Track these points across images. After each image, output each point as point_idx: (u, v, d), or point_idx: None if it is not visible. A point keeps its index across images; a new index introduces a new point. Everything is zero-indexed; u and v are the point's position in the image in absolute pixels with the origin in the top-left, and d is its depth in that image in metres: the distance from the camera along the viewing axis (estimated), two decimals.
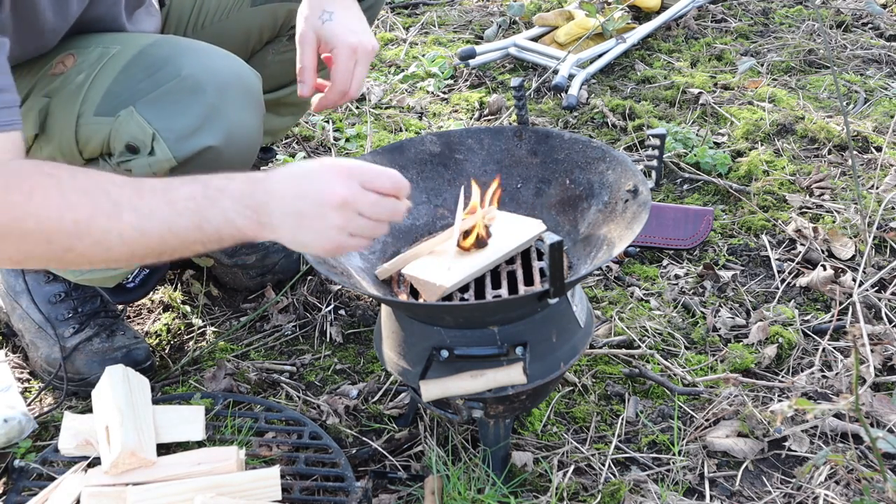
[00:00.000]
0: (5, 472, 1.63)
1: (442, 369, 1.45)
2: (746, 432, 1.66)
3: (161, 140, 1.51)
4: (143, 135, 1.52)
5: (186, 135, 1.52)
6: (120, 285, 1.86)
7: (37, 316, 1.85)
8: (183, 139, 1.52)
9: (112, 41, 1.60)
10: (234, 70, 1.59)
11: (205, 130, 1.53)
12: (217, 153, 1.54)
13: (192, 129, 1.52)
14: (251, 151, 1.64)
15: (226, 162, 1.56)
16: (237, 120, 1.56)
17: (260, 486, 1.49)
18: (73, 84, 1.57)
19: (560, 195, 1.63)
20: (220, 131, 1.54)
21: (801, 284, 2.03)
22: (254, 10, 1.90)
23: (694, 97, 2.75)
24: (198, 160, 1.54)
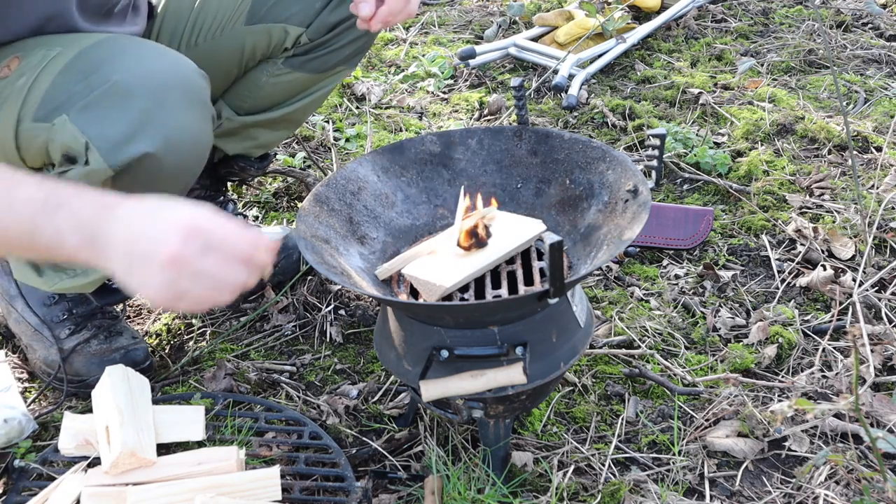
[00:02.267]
0: (5, 472, 1.63)
1: (442, 369, 1.45)
2: (746, 432, 1.66)
3: (94, 149, 1.45)
4: (76, 144, 1.46)
5: (120, 143, 1.45)
6: (105, 286, 1.81)
7: (32, 319, 1.84)
8: (117, 148, 1.45)
9: (55, 43, 1.55)
10: (174, 71, 1.51)
11: (140, 137, 1.46)
12: (156, 160, 1.48)
13: (126, 136, 1.45)
14: (197, 156, 1.58)
15: (169, 168, 1.51)
16: (176, 124, 1.49)
17: (260, 486, 1.49)
18: (14, 87, 1.52)
19: (560, 195, 1.63)
20: (156, 137, 1.47)
21: (801, 284, 2.03)
22: (248, 28, 1.86)
23: (694, 97, 2.75)
24: (137, 168, 1.48)
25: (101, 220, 1.19)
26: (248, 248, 1.20)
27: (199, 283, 1.17)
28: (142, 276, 1.17)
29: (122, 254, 1.17)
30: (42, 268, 1.71)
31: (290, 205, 2.43)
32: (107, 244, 1.18)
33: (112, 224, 1.19)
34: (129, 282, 1.19)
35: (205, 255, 1.16)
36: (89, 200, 1.21)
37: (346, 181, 1.62)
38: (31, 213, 1.20)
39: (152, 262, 1.15)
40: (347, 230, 1.58)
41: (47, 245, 1.20)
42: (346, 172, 1.63)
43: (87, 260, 1.21)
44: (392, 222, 1.64)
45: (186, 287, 1.17)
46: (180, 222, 1.17)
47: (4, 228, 1.21)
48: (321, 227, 1.53)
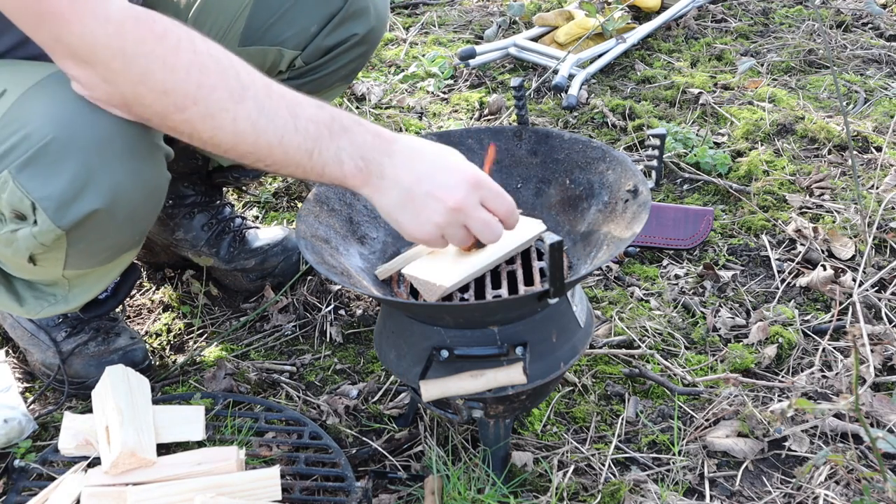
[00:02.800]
0: (5, 472, 1.63)
1: (442, 369, 1.45)
2: (746, 432, 1.66)
3: (41, 210, 1.39)
4: (21, 205, 1.40)
5: (66, 202, 1.38)
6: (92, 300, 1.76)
7: (28, 324, 1.83)
8: (64, 207, 1.39)
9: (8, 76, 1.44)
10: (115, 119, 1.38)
11: (86, 194, 1.39)
12: (108, 214, 1.42)
13: (72, 194, 1.38)
14: (151, 202, 1.52)
15: (123, 218, 1.47)
16: (123, 175, 1.41)
17: (260, 486, 1.49)
18: None
19: (560, 195, 1.63)
20: (103, 192, 1.40)
21: (801, 284, 2.03)
22: (243, 49, 1.80)
23: (694, 97, 2.75)
24: (89, 224, 1.42)
25: (379, 152, 1.29)
26: (510, 210, 1.36)
27: (464, 232, 1.34)
28: (417, 214, 1.31)
29: (402, 189, 1.30)
30: (23, 295, 1.70)
31: (290, 205, 2.43)
32: (382, 175, 1.29)
33: (391, 158, 1.30)
34: (398, 216, 1.32)
35: (479, 210, 1.32)
36: (368, 130, 1.31)
37: None
38: (316, 133, 1.28)
39: (437, 204, 1.30)
40: (347, 230, 1.58)
41: (323, 164, 1.29)
42: None
43: (354, 186, 1.32)
44: None
45: (453, 233, 1.33)
46: (467, 173, 1.32)
47: (285, 145, 1.28)
48: (321, 227, 1.53)
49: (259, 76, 1.30)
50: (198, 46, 1.27)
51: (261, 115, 1.27)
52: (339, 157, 1.29)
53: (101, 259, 1.59)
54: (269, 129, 1.28)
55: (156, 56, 1.25)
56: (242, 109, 1.27)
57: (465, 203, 1.31)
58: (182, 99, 1.27)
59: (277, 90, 1.30)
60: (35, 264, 1.53)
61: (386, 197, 1.31)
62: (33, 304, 1.69)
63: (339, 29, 1.82)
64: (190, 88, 1.27)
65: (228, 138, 1.29)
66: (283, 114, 1.28)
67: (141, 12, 1.26)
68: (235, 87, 1.27)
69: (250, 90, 1.28)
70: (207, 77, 1.26)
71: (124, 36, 1.25)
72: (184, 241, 2.05)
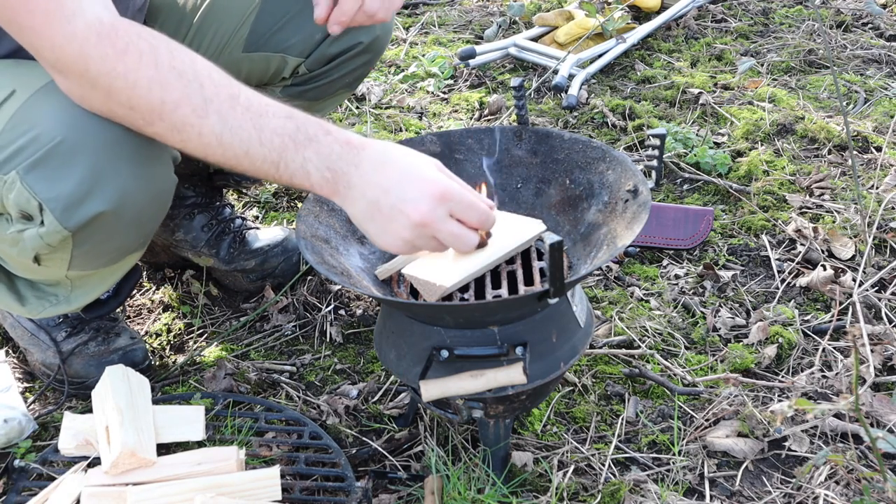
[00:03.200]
0: (5, 473, 1.63)
1: (442, 369, 1.45)
2: (746, 432, 1.66)
3: (48, 211, 1.41)
4: (29, 205, 1.42)
5: (74, 204, 1.40)
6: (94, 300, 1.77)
7: (28, 324, 1.83)
8: (71, 209, 1.40)
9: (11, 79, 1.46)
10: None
11: (93, 197, 1.40)
12: (114, 216, 1.44)
13: (79, 197, 1.40)
14: (157, 204, 1.53)
15: (129, 221, 1.48)
16: (130, 178, 1.43)
17: (260, 486, 1.49)
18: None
19: (560, 195, 1.63)
20: (110, 195, 1.41)
21: (801, 284, 2.03)
22: (246, 55, 1.81)
23: (694, 97, 2.75)
24: (95, 226, 1.44)
25: (346, 162, 1.29)
26: (483, 219, 1.34)
27: (436, 243, 1.32)
28: (384, 227, 1.30)
29: (368, 201, 1.29)
30: (24, 294, 1.71)
31: (290, 205, 2.43)
32: (349, 185, 1.29)
33: (358, 168, 1.29)
34: (367, 227, 1.32)
35: (447, 223, 1.30)
36: (336, 138, 1.29)
37: None
38: (281, 145, 1.28)
39: (401, 218, 1.28)
40: (347, 230, 1.58)
41: (290, 175, 1.30)
42: None
43: (325, 195, 1.32)
44: None
45: (423, 244, 1.32)
46: (433, 185, 1.29)
47: (251, 156, 1.29)
48: (321, 227, 1.53)
49: (225, 87, 1.30)
50: (160, 60, 1.28)
51: (224, 129, 1.28)
52: (305, 169, 1.29)
53: (106, 260, 1.59)
54: (234, 143, 1.28)
55: (117, 73, 1.27)
56: (206, 124, 1.28)
57: (430, 217, 1.28)
58: (148, 114, 1.30)
59: (244, 101, 1.30)
60: (39, 264, 1.53)
61: (354, 207, 1.31)
62: (35, 304, 1.70)
63: (343, 37, 1.81)
64: (154, 104, 1.28)
65: (198, 150, 1.31)
66: (246, 127, 1.28)
67: (105, 27, 1.27)
68: (198, 102, 1.27)
69: (213, 104, 1.28)
70: (169, 93, 1.27)
71: (88, 53, 1.27)
72: (184, 241, 2.05)
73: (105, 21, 1.28)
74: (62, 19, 1.27)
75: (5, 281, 1.70)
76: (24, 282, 1.69)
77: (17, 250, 1.51)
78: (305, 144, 1.28)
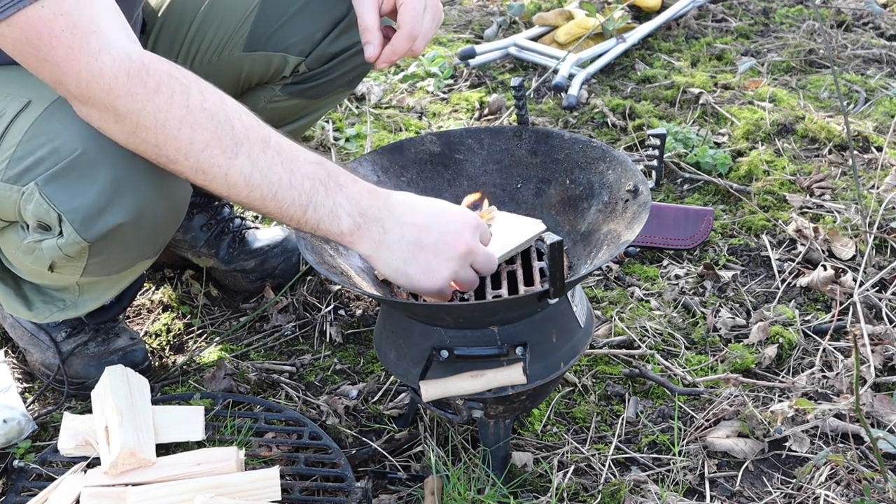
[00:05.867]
0: (5, 473, 1.63)
1: (442, 369, 1.45)
2: (747, 432, 1.66)
3: (67, 223, 1.42)
4: (48, 216, 1.44)
5: (93, 216, 1.42)
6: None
7: (28, 324, 1.83)
8: (90, 221, 1.42)
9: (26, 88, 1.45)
10: None
11: (112, 209, 1.42)
12: (132, 228, 1.46)
13: (99, 208, 1.42)
14: (175, 213, 1.56)
15: (146, 232, 1.50)
16: (148, 191, 1.45)
17: (260, 486, 1.49)
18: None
19: (560, 195, 1.63)
20: (129, 207, 1.43)
21: (802, 284, 2.02)
22: (247, 54, 1.81)
23: (694, 97, 2.75)
24: (112, 236, 1.46)
25: (377, 209, 1.31)
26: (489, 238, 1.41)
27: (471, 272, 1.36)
28: (428, 265, 1.32)
29: (408, 242, 1.31)
30: (31, 299, 1.72)
31: None
32: (384, 230, 1.31)
33: (391, 212, 1.31)
34: (408, 270, 1.32)
35: (481, 247, 1.36)
36: (364, 187, 1.32)
37: None
38: (311, 189, 1.29)
39: (450, 250, 1.32)
40: None
41: (318, 220, 1.30)
42: None
43: (351, 243, 1.32)
44: None
45: (466, 276, 1.36)
46: (466, 216, 1.37)
47: (279, 199, 1.29)
48: None
49: (256, 130, 1.30)
50: (192, 101, 1.27)
51: (254, 171, 1.28)
52: (335, 214, 1.30)
53: (120, 268, 1.61)
54: (263, 185, 1.29)
55: (147, 112, 1.27)
56: (235, 166, 1.28)
57: (472, 244, 1.34)
58: (174, 153, 1.29)
59: (275, 144, 1.30)
60: (53, 271, 1.55)
61: (390, 252, 1.32)
62: (42, 309, 1.71)
63: (343, 36, 1.81)
64: (181, 144, 1.28)
65: (221, 190, 1.31)
66: (277, 169, 1.29)
67: (135, 64, 1.27)
68: (229, 144, 1.27)
69: (244, 146, 1.28)
70: (200, 134, 1.27)
71: (116, 91, 1.26)
72: (183, 241, 2.05)
73: (135, 58, 1.27)
74: (88, 55, 1.26)
75: (12, 285, 1.71)
76: (31, 286, 1.70)
77: (32, 258, 1.53)
78: (336, 190, 1.30)
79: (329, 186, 1.30)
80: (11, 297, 1.72)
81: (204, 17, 1.81)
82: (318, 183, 1.29)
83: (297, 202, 1.29)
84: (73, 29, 1.25)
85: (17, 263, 1.64)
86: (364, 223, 1.30)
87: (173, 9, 1.84)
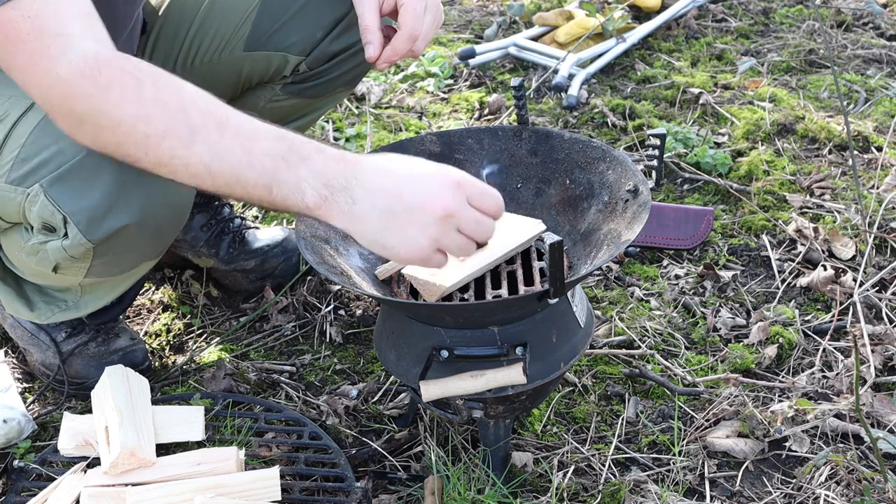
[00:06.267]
0: (5, 473, 1.63)
1: (442, 369, 1.45)
2: (747, 433, 1.66)
3: (72, 224, 1.42)
4: (53, 218, 1.43)
5: (98, 217, 1.42)
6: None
7: (28, 324, 1.83)
8: (95, 222, 1.42)
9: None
10: None
11: (117, 210, 1.42)
12: (137, 229, 1.46)
13: (104, 210, 1.42)
14: (178, 216, 1.55)
15: (150, 233, 1.50)
16: (153, 192, 1.44)
17: (260, 486, 1.49)
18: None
19: (560, 195, 1.63)
20: (134, 208, 1.43)
21: (802, 284, 2.02)
22: (247, 54, 1.80)
23: (694, 97, 2.75)
24: (117, 238, 1.46)
25: (345, 177, 1.22)
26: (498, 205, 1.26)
27: (460, 237, 1.24)
28: (404, 232, 1.22)
29: (380, 210, 1.21)
30: (33, 300, 1.72)
31: None
32: (353, 200, 1.21)
33: (359, 179, 1.22)
34: (385, 240, 1.23)
35: (469, 209, 1.23)
36: (330, 156, 1.24)
37: None
38: (273, 167, 1.22)
39: (425, 214, 1.21)
40: None
41: (284, 198, 1.23)
42: None
43: (323, 217, 1.24)
44: None
45: (453, 240, 1.23)
46: (446, 176, 1.23)
47: (243, 182, 1.24)
48: (321, 227, 1.53)
49: (213, 114, 1.25)
50: (145, 94, 1.24)
51: (213, 158, 1.23)
52: (300, 188, 1.22)
53: (123, 269, 1.61)
54: (223, 170, 1.24)
55: (101, 112, 1.24)
56: (194, 154, 1.24)
57: (453, 206, 1.22)
58: (134, 150, 1.26)
59: (234, 126, 1.25)
60: (57, 273, 1.55)
61: (363, 223, 1.23)
62: (44, 309, 1.71)
63: (344, 35, 1.81)
64: (139, 140, 1.25)
65: (188, 180, 1.27)
66: (236, 151, 1.23)
67: (88, 64, 1.24)
68: (184, 133, 1.23)
69: (201, 133, 1.23)
70: (154, 127, 1.23)
71: (72, 94, 1.24)
72: (183, 241, 2.05)
73: (89, 57, 1.24)
74: (47, 59, 1.24)
75: (13, 285, 1.71)
76: (32, 287, 1.71)
77: (36, 259, 1.53)
78: (298, 164, 1.22)
79: (291, 161, 1.22)
80: (13, 297, 1.72)
81: (204, 17, 1.81)
82: (280, 159, 1.22)
83: (261, 182, 1.23)
84: (39, 33, 1.23)
85: (19, 265, 1.64)
86: (331, 195, 1.22)
87: (174, 8, 1.84)
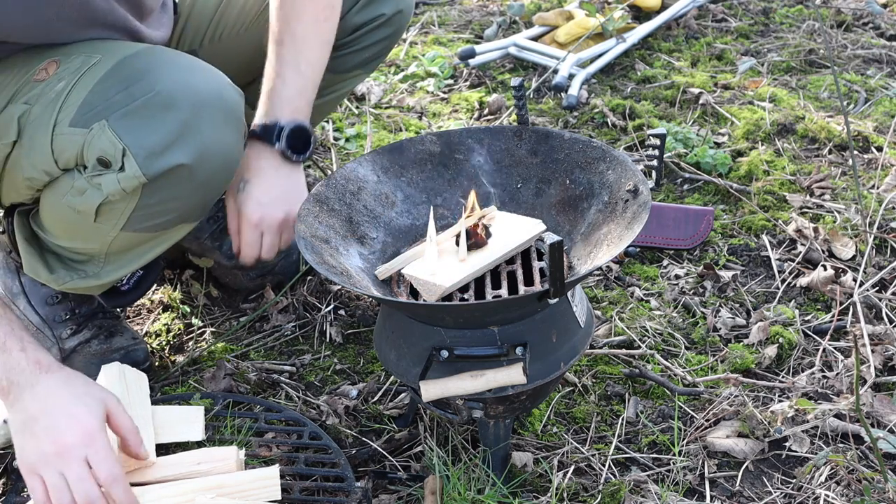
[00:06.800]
0: (5, 473, 1.63)
1: (442, 369, 1.45)
2: (747, 432, 1.66)
3: (131, 156, 1.48)
4: (113, 150, 1.49)
5: (157, 152, 1.49)
6: (114, 288, 1.83)
7: (34, 318, 1.84)
8: (153, 156, 1.49)
9: (95, 49, 1.57)
10: (213, 86, 1.55)
11: (176, 148, 1.50)
12: (189, 171, 1.52)
13: (163, 146, 1.49)
14: (227, 170, 1.62)
15: (200, 180, 1.55)
16: (212, 138, 1.53)
17: (260, 486, 1.49)
18: (52, 92, 1.54)
19: (560, 195, 1.63)
20: (192, 149, 1.51)
21: (802, 284, 2.02)
22: None
23: (694, 97, 2.75)
24: (169, 178, 1.52)
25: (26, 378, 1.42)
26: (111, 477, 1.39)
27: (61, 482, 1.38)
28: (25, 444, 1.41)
29: (26, 416, 1.41)
30: (53, 265, 1.72)
31: None
32: (18, 398, 1.42)
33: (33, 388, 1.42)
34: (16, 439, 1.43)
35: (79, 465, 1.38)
36: (30, 356, 1.44)
37: (346, 181, 1.62)
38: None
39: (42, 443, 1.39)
40: (347, 230, 1.58)
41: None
42: (346, 172, 1.63)
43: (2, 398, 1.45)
44: (392, 222, 1.64)
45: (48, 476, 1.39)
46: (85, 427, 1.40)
47: None
48: (321, 227, 1.53)
49: None
50: None
51: None
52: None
53: (161, 223, 1.63)
54: None
55: None
56: None
57: (67, 452, 1.38)
58: None
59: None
60: (96, 220, 1.58)
61: (14, 415, 1.43)
62: (62, 274, 1.72)
63: (370, 6, 1.87)
64: None
65: None
66: None
67: None
68: None
69: None
70: None
71: None
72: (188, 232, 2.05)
73: None
74: None
75: (37, 249, 1.73)
76: (53, 256, 1.71)
77: (81, 200, 1.56)
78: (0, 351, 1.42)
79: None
80: (35, 259, 1.72)
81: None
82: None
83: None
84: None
85: (55, 219, 1.65)
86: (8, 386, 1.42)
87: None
